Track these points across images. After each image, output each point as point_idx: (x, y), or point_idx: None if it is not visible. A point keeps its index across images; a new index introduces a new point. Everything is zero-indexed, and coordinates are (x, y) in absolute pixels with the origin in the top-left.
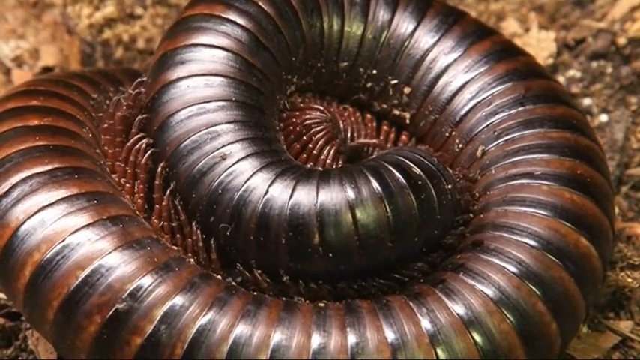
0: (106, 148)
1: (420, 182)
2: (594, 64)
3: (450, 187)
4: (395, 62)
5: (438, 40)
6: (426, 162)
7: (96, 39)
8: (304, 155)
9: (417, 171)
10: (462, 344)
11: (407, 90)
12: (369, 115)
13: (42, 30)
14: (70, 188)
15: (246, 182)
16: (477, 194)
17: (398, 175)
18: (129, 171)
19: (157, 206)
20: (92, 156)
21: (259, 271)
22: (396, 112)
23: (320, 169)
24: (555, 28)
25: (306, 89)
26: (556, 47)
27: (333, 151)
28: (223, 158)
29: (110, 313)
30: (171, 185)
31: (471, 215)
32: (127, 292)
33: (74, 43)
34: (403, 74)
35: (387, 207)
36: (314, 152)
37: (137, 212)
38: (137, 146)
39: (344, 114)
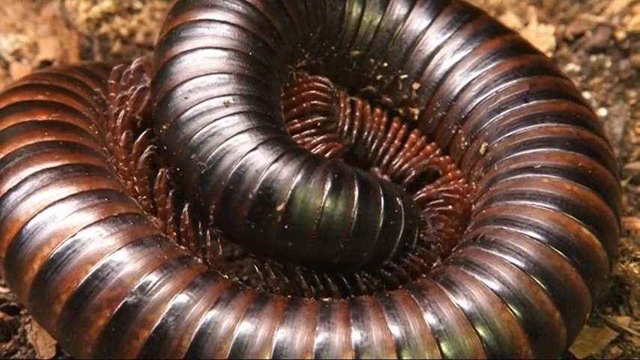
0: (111, 144)
1: (396, 211)
2: (593, 58)
3: (422, 237)
4: (406, 57)
5: (450, 37)
6: (412, 206)
7: (94, 33)
8: (299, 139)
9: (400, 202)
10: (465, 334)
11: (416, 86)
12: (378, 110)
13: (41, 24)
14: (80, 185)
15: (239, 134)
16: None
17: (381, 194)
18: (133, 170)
19: (159, 209)
20: (100, 153)
21: (269, 260)
22: (401, 111)
23: (311, 151)
24: (554, 22)
25: (315, 71)
26: (555, 41)
27: (331, 151)
28: (226, 105)
29: (119, 306)
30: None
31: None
32: (137, 286)
33: (73, 37)
34: (413, 70)
35: (356, 212)
36: (313, 141)
37: (145, 211)
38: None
39: (351, 107)
